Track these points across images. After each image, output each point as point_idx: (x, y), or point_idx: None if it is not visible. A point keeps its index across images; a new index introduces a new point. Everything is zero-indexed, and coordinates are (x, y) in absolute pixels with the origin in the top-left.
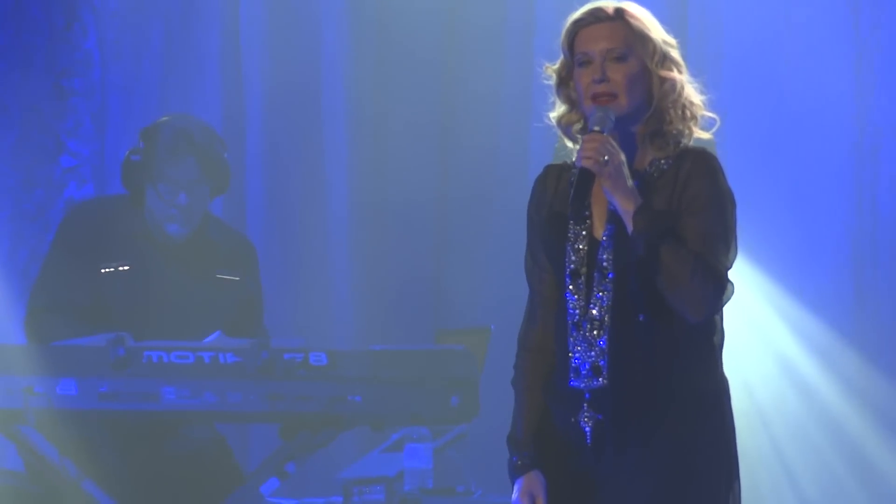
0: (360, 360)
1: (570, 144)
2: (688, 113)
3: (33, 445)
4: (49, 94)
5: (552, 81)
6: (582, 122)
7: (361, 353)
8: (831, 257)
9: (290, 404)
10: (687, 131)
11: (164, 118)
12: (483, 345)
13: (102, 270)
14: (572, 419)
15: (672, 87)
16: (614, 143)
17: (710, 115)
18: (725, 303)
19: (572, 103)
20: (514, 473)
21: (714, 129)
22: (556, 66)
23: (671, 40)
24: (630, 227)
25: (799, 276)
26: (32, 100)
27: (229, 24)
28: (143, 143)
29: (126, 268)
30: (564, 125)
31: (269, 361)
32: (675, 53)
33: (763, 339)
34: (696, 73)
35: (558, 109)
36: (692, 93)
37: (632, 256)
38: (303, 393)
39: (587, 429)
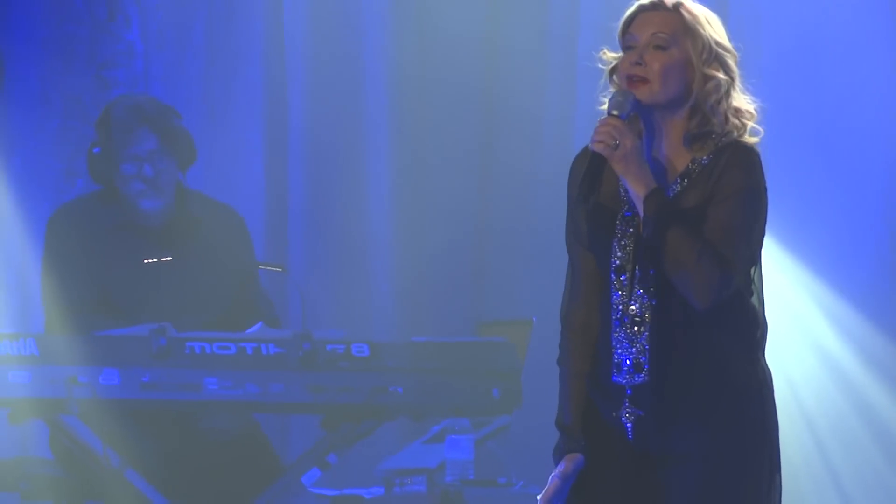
0: (401, 352)
1: None
2: (731, 119)
3: (77, 435)
4: (91, 84)
5: (606, 67)
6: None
7: (403, 344)
8: (873, 252)
9: (332, 395)
10: (729, 137)
11: (111, 102)
12: (525, 337)
13: (145, 261)
14: (614, 413)
15: (715, 88)
16: (627, 128)
17: (757, 127)
18: (730, 291)
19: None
20: (558, 457)
21: (759, 138)
22: (614, 54)
23: (730, 47)
24: (641, 211)
25: (841, 271)
26: (75, 90)
27: (273, 15)
28: (98, 133)
29: (154, 260)
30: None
31: (311, 352)
32: (729, 59)
33: (805, 334)
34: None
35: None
36: (740, 100)
37: (644, 241)
38: (344, 384)
39: (628, 424)
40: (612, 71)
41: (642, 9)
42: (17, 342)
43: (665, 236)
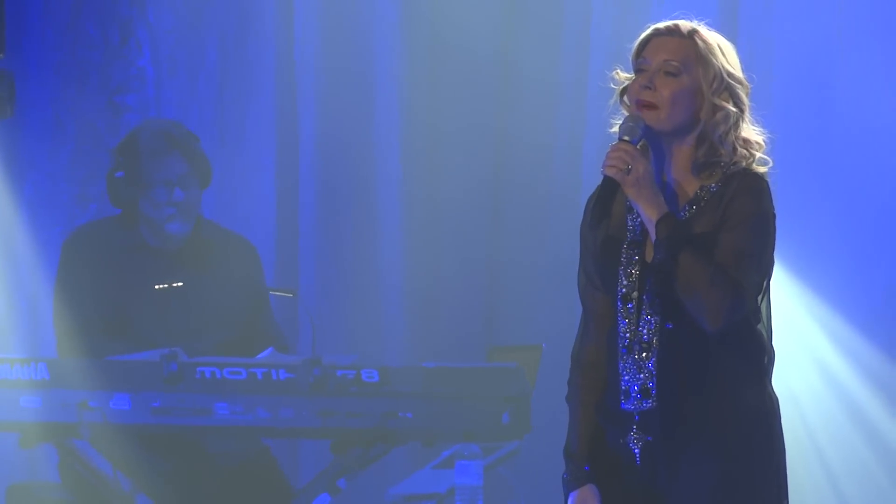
0: (411, 377)
1: None
2: (739, 150)
3: (87, 459)
4: (104, 109)
5: (618, 87)
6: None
7: (413, 369)
8: (883, 276)
9: (342, 420)
10: (737, 165)
11: (135, 128)
12: (535, 362)
13: (156, 287)
14: (622, 440)
15: (724, 119)
16: (639, 153)
17: (766, 157)
18: (740, 315)
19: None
20: (569, 487)
21: (768, 168)
22: (627, 74)
23: (742, 78)
24: (653, 235)
25: (848, 295)
26: (87, 115)
27: (284, 40)
28: (122, 158)
29: (164, 285)
30: None
31: (322, 378)
32: (739, 90)
33: (812, 357)
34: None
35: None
36: (749, 131)
37: (656, 265)
38: (354, 409)
39: (636, 450)
40: (623, 92)
41: (657, 33)
42: (29, 367)
43: (677, 260)
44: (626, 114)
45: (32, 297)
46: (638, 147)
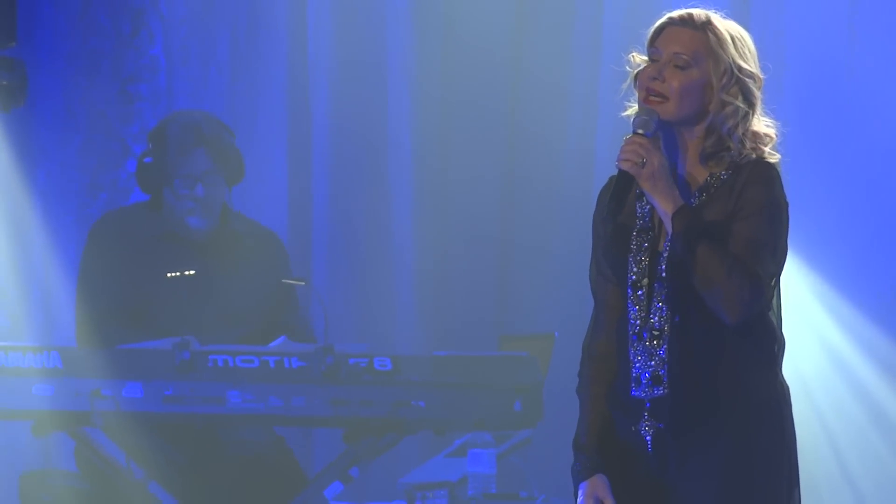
0: (424, 366)
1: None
2: (748, 143)
3: (100, 447)
4: (115, 99)
5: (633, 71)
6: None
7: (425, 358)
8: (892, 263)
9: (355, 409)
10: (742, 156)
11: (169, 116)
12: (547, 351)
13: (168, 275)
14: (633, 428)
15: (732, 114)
16: (653, 146)
17: (772, 152)
18: (761, 307)
19: None
20: (578, 478)
21: (778, 160)
22: (643, 58)
23: (754, 71)
24: (669, 229)
25: (858, 282)
26: (99, 105)
27: (296, 30)
28: (152, 145)
29: (176, 273)
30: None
31: (334, 366)
32: (751, 84)
33: (822, 344)
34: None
35: (634, 105)
36: (759, 124)
37: (673, 257)
38: (367, 398)
39: (648, 437)
40: (637, 75)
41: (671, 22)
42: (41, 355)
43: (695, 252)
44: (639, 97)
45: (45, 285)
46: (652, 140)
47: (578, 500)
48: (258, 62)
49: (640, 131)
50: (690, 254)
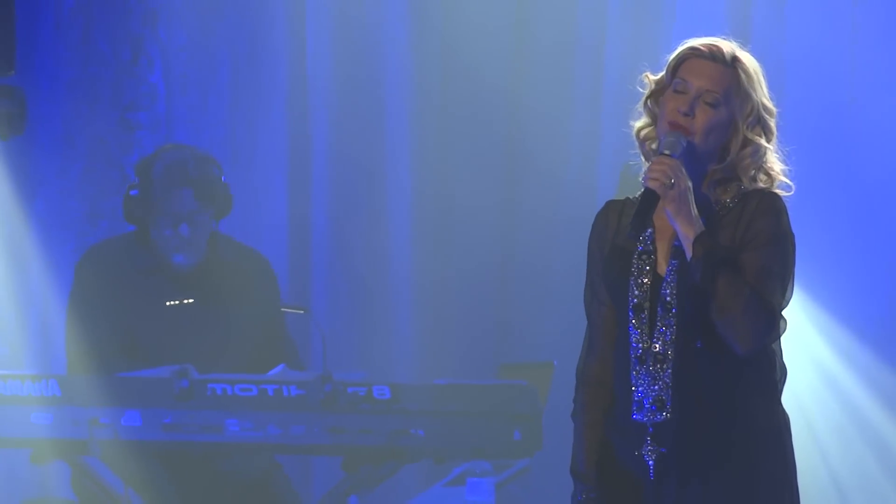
0: (423, 394)
1: (643, 160)
2: (762, 176)
3: (98, 476)
4: (115, 126)
5: (645, 91)
6: (657, 142)
7: (424, 386)
8: (888, 287)
9: (353, 437)
10: (754, 187)
11: (157, 151)
12: (546, 380)
13: (167, 304)
14: (636, 453)
15: (754, 152)
16: (682, 169)
17: (788, 182)
18: (775, 339)
19: (654, 119)
20: None
21: (789, 194)
22: (655, 77)
23: (772, 107)
24: (689, 253)
25: (853, 307)
26: (99, 132)
27: (295, 57)
28: (138, 178)
29: (176, 302)
30: (642, 139)
31: (333, 394)
32: (770, 121)
33: (818, 368)
34: None
35: (641, 121)
36: (774, 160)
37: (689, 283)
38: (366, 426)
39: (650, 462)
40: (650, 96)
41: (698, 54)
42: (40, 383)
43: (714, 280)
44: (647, 118)
45: (43, 313)
46: (679, 162)
47: None
48: (257, 89)
49: (668, 152)
50: (710, 282)
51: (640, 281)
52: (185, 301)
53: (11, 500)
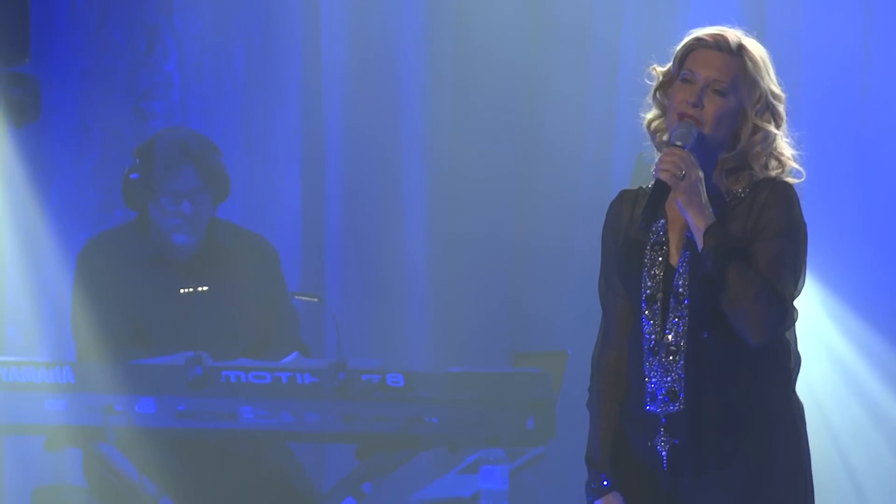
0: (437, 382)
1: (656, 152)
2: (773, 163)
3: (113, 463)
4: (130, 115)
5: (654, 83)
6: (667, 133)
7: (438, 374)
8: None
9: (367, 425)
10: (766, 175)
11: (157, 133)
12: (560, 368)
13: (181, 291)
14: (648, 443)
15: (764, 139)
16: (693, 160)
17: (798, 168)
18: (786, 329)
19: (663, 110)
20: (593, 495)
21: (801, 181)
22: (663, 69)
23: (780, 93)
24: (700, 244)
25: (869, 297)
26: (113, 121)
27: (310, 47)
28: (139, 161)
29: (190, 290)
30: (652, 130)
31: (347, 382)
32: (779, 106)
33: (834, 359)
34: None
35: (651, 112)
36: (784, 146)
37: (701, 274)
38: (380, 414)
39: (663, 453)
40: (659, 87)
41: (704, 44)
42: (54, 370)
43: (725, 271)
44: (657, 109)
45: (58, 301)
46: (690, 153)
47: None
48: (272, 78)
49: (680, 143)
50: (720, 272)
51: (652, 272)
52: (199, 289)
53: (25, 486)
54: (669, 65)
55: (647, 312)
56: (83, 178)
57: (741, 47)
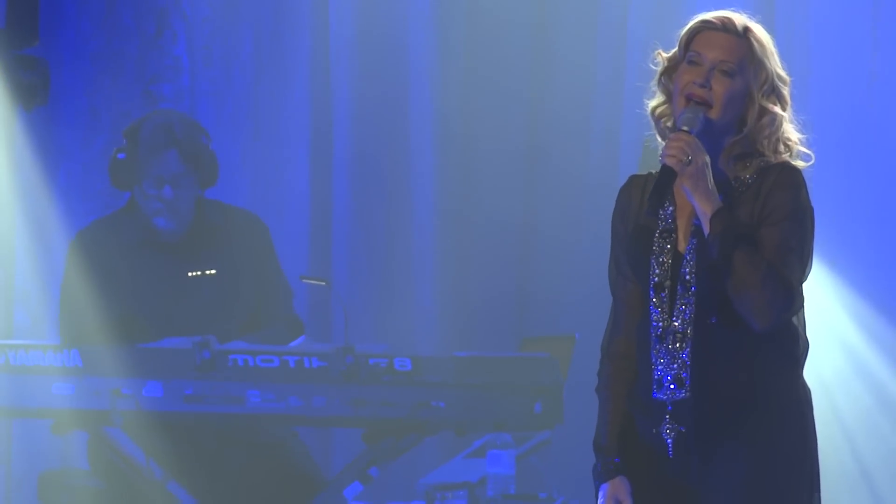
0: (444, 366)
1: (658, 139)
2: (781, 147)
3: (119, 446)
4: (139, 99)
5: (658, 68)
6: (672, 119)
7: (446, 359)
8: None
9: (374, 409)
10: (775, 160)
11: (145, 115)
12: (567, 352)
13: (189, 274)
14: (654, 430)
15: (771, 121)
16: (700, 145)
17: (807, 151)
18: (792, 314)
19: (668, 96)
20: (599, 479)
21: (809, 164)
22: (668, 54)
23: (785, 76)
24: (706, 230)
25: (880, 285)
26: (123, 105)
27: (318, 32)
28: (126, 141)
29: (197, 273)
30: (657, 117)
31: (354, 366)
32: (784, 89)
33: (843, 346)
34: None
35: (655, 99)
36: (791, 130)
37: (707, 261)
38: (387, 398)
39: (669, 441)
40: (664, 72)
41: (710, 26)
42: (61, 354)
43: (731, 257)
44: (662, 95)
45: None
46: (696, 138)
47: (599, 501)
48: (281, 63)
49: (686, 128)
50: (726, 258)
51: (660, 259)
52: (207, 272)
53: (32, 470)
54: (675, 50)
55: (654, 300)
56: (92, 162)
57: (747, 29)
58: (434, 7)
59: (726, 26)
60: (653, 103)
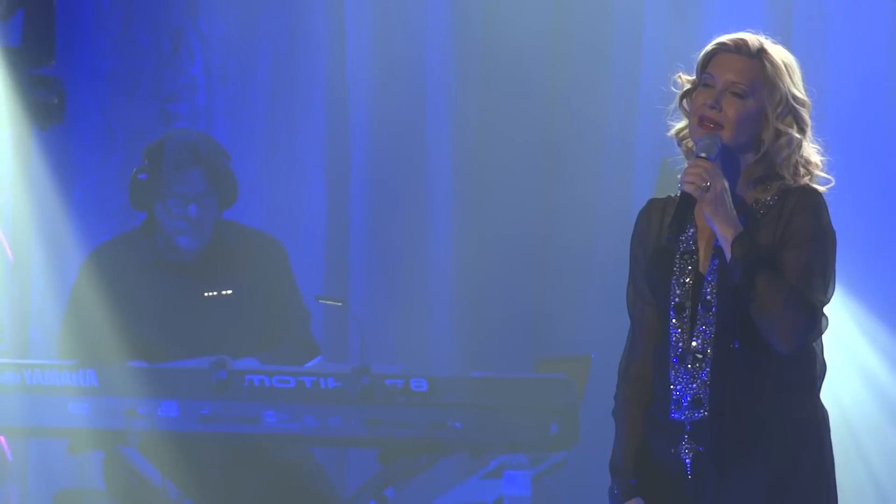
0: (460, 387)
1: (683, 160)
2: (801, 170)
3: (135, 466)
4: (154, 118)
5: (679, 91)
6: (691, 139)
7: (462, 379)
8: None
9: (390, 429)
10: (795, 183)
11: (167, 134)
12: (583, 373)
13: (206, 294)
14: (672, 450)
15: (787, 143)
16: (718, 171)
17: (826, 176)
18: (817, 337)
19: (688, 118)
20: (615, 500)
21: (828, 188)
22: (689, 77)
23: (804, 98)
24: (728, 254)
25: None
26: (138, 124)
27: (335, 50)
28: (147, 161)
29: (214, 293)
30: (679, 139)
31: (370, 387)
32: (803, 111)
33: (859, 368)
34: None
35: (679, 123)
36: (810, 152)
37: (729, 284)
38: (402, 418)
39: (687, 461)
40: (684, 96)
41: (724, 48)
42: (77, 373)
43: (753, 281)
44: (684, 118)
45: None
46: (714, 164)
47: None
48: (297, 81)
49: (704, 155)
50: (749, 282)
51: (682, 280)
52: (223, 292)
53: (47, 489)
54: (694, 76)
55: (675, 321)
56: (107, 180)
57: (761, 51)
58: (451, 25)
59: (739, 48)
60: (677, 126)
